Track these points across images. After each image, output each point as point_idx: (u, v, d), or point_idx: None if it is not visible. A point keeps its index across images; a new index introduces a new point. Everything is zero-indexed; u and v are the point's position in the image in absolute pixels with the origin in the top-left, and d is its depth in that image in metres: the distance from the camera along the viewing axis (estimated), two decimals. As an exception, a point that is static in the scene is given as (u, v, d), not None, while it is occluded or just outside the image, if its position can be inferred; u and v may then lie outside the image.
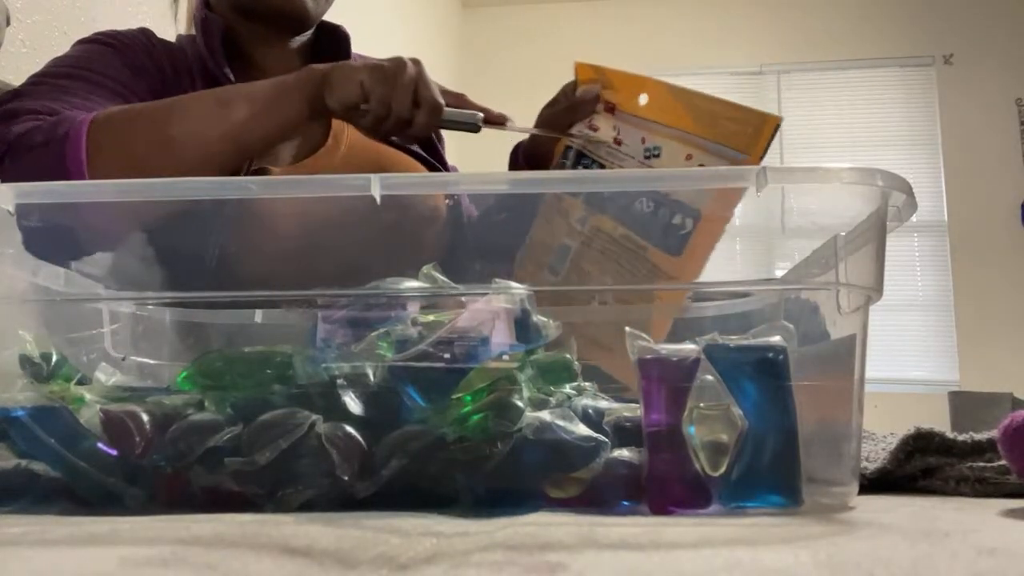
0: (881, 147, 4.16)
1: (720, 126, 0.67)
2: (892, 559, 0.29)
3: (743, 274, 0.69)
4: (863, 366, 0.46)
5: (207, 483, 0.43)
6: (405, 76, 0.72)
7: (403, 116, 0.73)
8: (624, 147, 0.71)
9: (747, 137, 0.66)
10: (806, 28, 4.26)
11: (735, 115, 0.67)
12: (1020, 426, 0.46)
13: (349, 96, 0.73)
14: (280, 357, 0.45)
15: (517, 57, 4.12)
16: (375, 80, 0.72)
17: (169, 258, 0.58)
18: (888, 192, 0.45)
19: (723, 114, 0.67)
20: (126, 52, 0.86)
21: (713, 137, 0.67)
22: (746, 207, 0.51)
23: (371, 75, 0.73)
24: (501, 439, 0.42)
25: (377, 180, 0.45)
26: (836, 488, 0.45)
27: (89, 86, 0.79)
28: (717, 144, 0.67)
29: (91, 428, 0.44)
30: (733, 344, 0.45)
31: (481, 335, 0.44)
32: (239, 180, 0.46)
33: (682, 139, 0.69)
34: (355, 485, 0.42)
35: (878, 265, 0.47)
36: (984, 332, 3.85)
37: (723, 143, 0.66)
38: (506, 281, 0.47)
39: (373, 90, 0.72)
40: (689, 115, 0.68)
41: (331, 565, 0.28)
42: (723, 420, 0.43)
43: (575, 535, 0.34)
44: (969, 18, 4.11)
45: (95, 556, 0.30)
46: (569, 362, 0.51)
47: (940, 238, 4.03)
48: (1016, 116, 4.03)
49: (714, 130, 0.67)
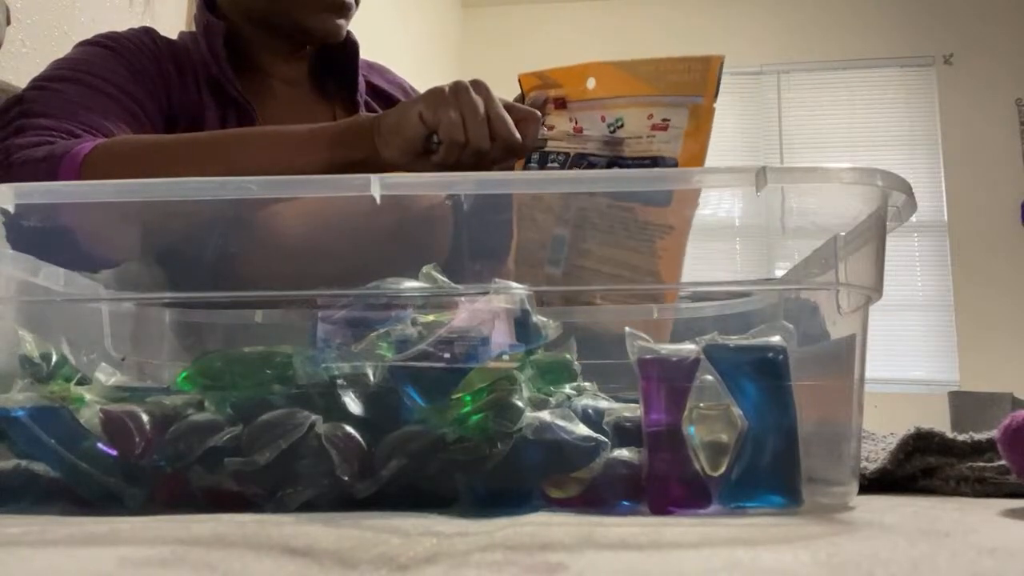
0: (881, 147, 4.17)
1: (669, 80, 0.69)
2: (892, 559, 0.29)
3: (743, 274, 0.69)
4: (863, 366, 0.46)
5: (207, 483, 0.43)
6: (471, 97, 0.63)
7: (482, 147, 0.63)
8: (586, 132, 0.72)
9: (696, 82, 0.68)
10: (806, 28, 4.26)
11: (679, 66, 0.69)
12: (1020, 426, 0.46)
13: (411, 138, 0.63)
14: (280, 357, 0.45)
15: (517, 57, 4.12)
16: (435, 105, 0.63)
17: (169, 258, 0.58)
18: (888, 192, 0.45)
19: (668, 69, 0.69)
20: (126, 54, 0.85)
21: (666, 91, 0.69)
22: (746, 207, 0.51)
23: (428, 103, 0.63)
24: (501, 439, 0.42)
25: (377, 180, 0.45)
26: (836, 488, 0.45)
27: (90, 92, 0.79)
28: (672, 96, 0.69)
29: (91, 428, 0.44)
30: (733, 344, 0.45)
31: (481, 335, 0.44)
32: (239, 180, 0.46)
33: (638, 103, 0.70)
34: (355, 485, 0.42)
35: (878, 265, 0.47)
36: (984, 332, 3.85)
37: (677, 93, 0.68)
38: (506, 281, 0.47)
39: (439, 119, 0.63)
40: (638, 80, 0.70)
41: (331, 565, 0.28)
42: (723, 420, 0.43)
43: (575, 535, 0.34)
44: (969, 18, 4.11)
45: (95, 556, 0.30)
46: (569, 362, 0.51)
47: (940, 238, 4.04)
48: (1016, 116, 4.03)
49: (665, 85, 0.69)
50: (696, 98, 0.68)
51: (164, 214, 0.51)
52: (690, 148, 0.67)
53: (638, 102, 0.70)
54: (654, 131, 0.69)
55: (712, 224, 0.58)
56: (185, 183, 0.47)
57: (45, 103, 0.76)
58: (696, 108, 0.68)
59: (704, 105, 0.68)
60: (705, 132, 0.67)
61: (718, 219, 0.54)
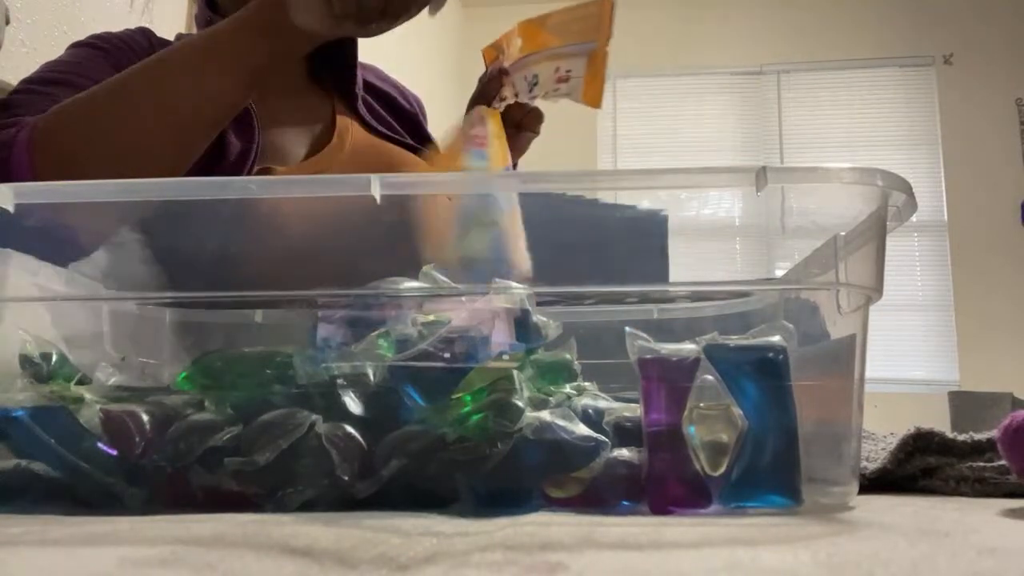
0: (881, 147, 4.17)
1: (570, 29, 0.74)
2: (892, 559, 0.29)
3: (743, 274, 0.69)
4: (863, 366, 0.46)
5: (207, 483, 0.43)
6: None
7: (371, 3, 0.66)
8: (519, 95, 0.77)
9: (592, 27, 0.73)
10: (806, 28, 4.26)
11: (577, 14, 0.74)
12: (1020, 426, 0.46)
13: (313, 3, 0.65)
14: (280, 357, 0.45)
15: (517, 57, 4.11)
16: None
17: (168, 258, 0.58)
18: (888, 192, 0.45)
19: (570, 18, 0.74)
20: (117, 54, 0.85)
21: (568, 41, 0.74)
22: (746, 207, 0.51)
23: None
24: (501, 439, 0.42)
25: (377, 180, 0.45)
26: (836, 488, 0.45)
27: (74, 92, 0.79)
28: (572, 45, 0.74)
29: (91, 428, 0.44)
30: (733, 344, 0.45)
31: (481, 335, 0.44)
32: (239, 180, 0.46)
33: (549, 57, 0.75)
34: (355, 485, 0.42)
35: (878, 265, 0.47)
36: (984, 332, 3.85)
37: (576, 42, 0.74)
38: (506, 281, 0.47)
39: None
40: (550, 34, 0.76)
41: (331, 565, 0.28)
42: (723, 420, 0.43)
43: (575, 535, 0.34)
44: (969, 18, 4.11)
45: (95, 556, 0.30)
46: (569, 362, 0.51)
47: (940, 238, 4.04)
48: (1016, 116, 4.04)
49: (568, 35, 0.74)
50: (591, 43, 0.73)
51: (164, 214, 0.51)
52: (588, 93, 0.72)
53: (549, 55, 0.75)
54: (559, 83, 0.75)
55: (712, 224, 0.58)
56: (185, 183, 0.47)
57: (31, 107, 0.76)
58: (593, 54, 0.73)
59: (598, 49, 0.73)
60: (601, 76, 0.73)
61: (718, 219, 0.54)
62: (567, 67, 0.74)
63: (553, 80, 0.75)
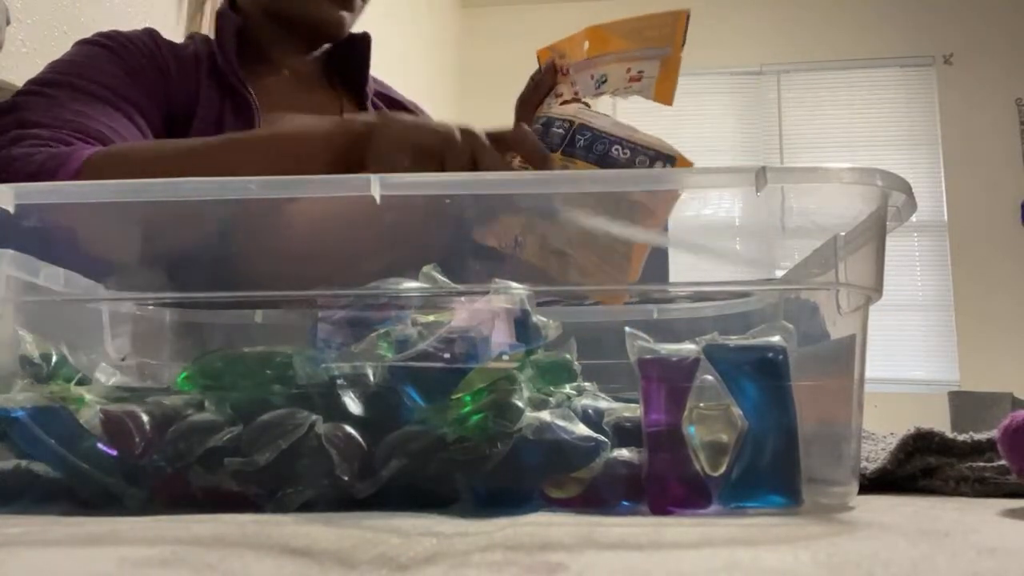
0: (881, 147, 4.17)
1: (644, 35, 0.79)
2: (892, 559, 0.29)
3: (743, 274, 0.69)
4: (863, 366, 0.46)
5: (207, 483, 0.43)
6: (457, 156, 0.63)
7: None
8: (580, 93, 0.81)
9: (667, 35, 0.78)
10: (806, 28, 4.26)
11: (652, 22, 0.79)
12: (1020, 426, 0.46)
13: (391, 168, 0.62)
14: (280, 357, 0.45)
15: (517, 57, 4.12)
16: (423, 158, 0.63)
17: (168, 258, 0.58)
18: (888, 192, 0.45)
19: (644, 25, 0.79)
20: (123, 54, 0.86)
21: (641, 45, 0.79)
22: (746, 207, 0.51)
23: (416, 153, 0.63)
24: (501, 439, 0.42)
25: (377, 180, 0.45)
26: (836, 488, 0.45)
27: (84, 96, 0.79)
28: (645, 49, 0.79)
29: (91, 428, 0.44)
30: (733, 344, 0.45)
31: (481, 335, 0.44)
32: (239, 180, 0.46)
33: (619, 59, 0.80)
34: (355, 485, 0.42)
35: (878, 265, 0.47)
36: (984, 332, 3.85)
37: (649, 47, 0.79)
38: (506, 281, 0.47)
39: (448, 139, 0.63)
40: (621, 38, 0.80)
41: (331, 565, 0.28)
42: (723, 420, 0.43)
43: (575, 535, 0.34)
44: (969, 18, 4.11)
45: (95, 556, 0.30)
46: (569, 362, 0.51)
47: (940, 238, 4.04)
48: (1016, 116, 4.04)
49: (640, 40, 0.79)
50: (665, 49, 0.78)
51: (164, 214, 0.51)
52: (661, 92, 0.78)
53: (619, 58, 0.80)
54: (631, 83, 0.79)
55: (712, 224, 0.58)
56: (185, 183, 0.47)
57: (39, 110, 0.76)
58: (666, 59, 0.78)
59: (672, 55, 0.78)
60: (673, 79, 0.78)
61: (718, 219, 0.54)
62: (639, 68, 0.79)
63: (625, 80, 0.80)
